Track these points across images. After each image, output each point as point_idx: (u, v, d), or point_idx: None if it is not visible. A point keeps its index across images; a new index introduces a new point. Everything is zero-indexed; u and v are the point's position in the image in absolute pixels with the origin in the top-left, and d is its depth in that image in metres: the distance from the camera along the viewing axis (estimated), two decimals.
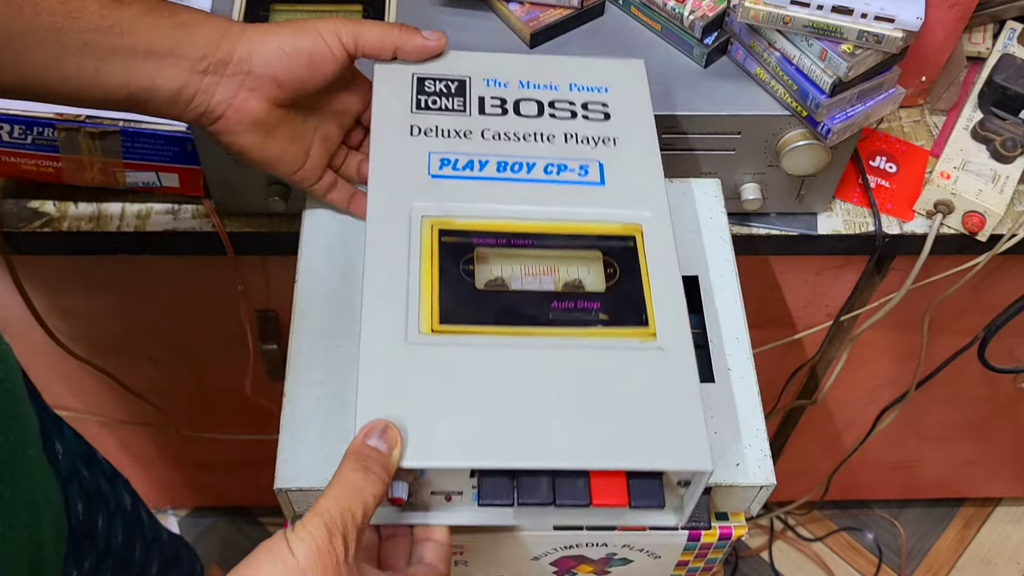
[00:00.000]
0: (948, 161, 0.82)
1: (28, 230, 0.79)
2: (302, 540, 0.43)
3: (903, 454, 1.31)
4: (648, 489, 0.50)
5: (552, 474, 0.50)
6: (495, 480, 0.50)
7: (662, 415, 0.51)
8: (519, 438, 0.49)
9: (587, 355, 0.52)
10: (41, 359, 1.00)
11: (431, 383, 0.50)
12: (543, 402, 0.50)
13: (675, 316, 0.54)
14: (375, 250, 0.55)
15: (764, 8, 0.68)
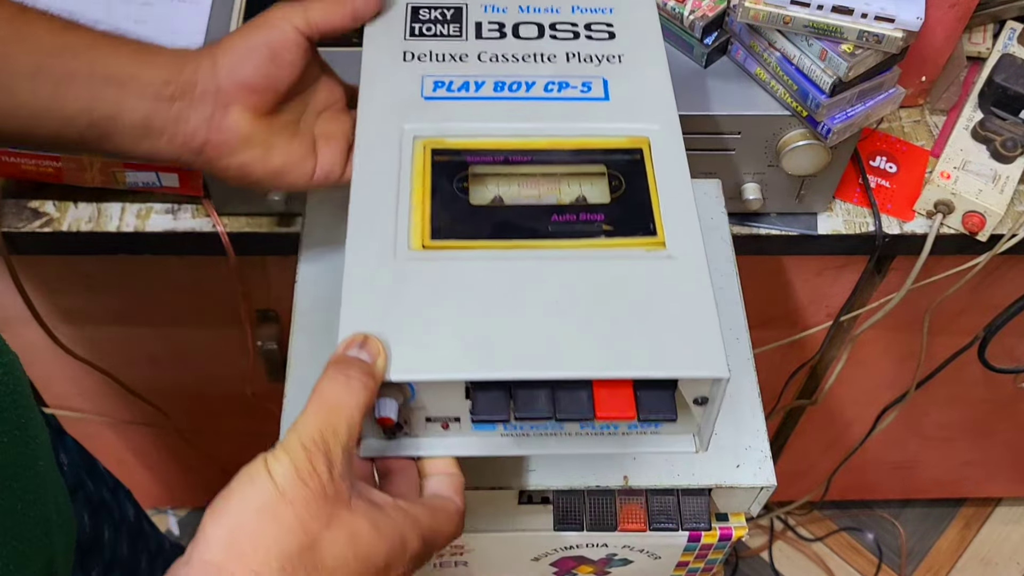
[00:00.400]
0: (948, 161, 0.82)
1: (28, 230, 0.79)
2: (279, 461, 0.40)
3: (903, 454, 1.31)
4: (658, 400, 0.45)
5: (552, 387, 0.45)
6: (490, 394, 0.45)
7: (673, 322, 0.45)
8: (515, 348, 0.44)
9: (590, 265, 0.48)
10: (41, 359, 1.00)
11: (420, 297, 0.46)
12: (542, 312, 0.46)
13: (686, 225, 0.49)
14: (362, 170, 0.52)
15: (764, 8, 0.68)
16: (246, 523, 0.39)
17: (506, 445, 0.50)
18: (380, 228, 0.49)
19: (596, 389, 0.44)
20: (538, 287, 0.47)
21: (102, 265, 0.87)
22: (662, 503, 0.59)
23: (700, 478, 0.58)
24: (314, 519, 0.39)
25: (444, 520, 0.46)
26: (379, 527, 0.41)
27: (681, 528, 0.59)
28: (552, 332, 0.45)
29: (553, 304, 0.46)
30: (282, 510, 0.39)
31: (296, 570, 0.38)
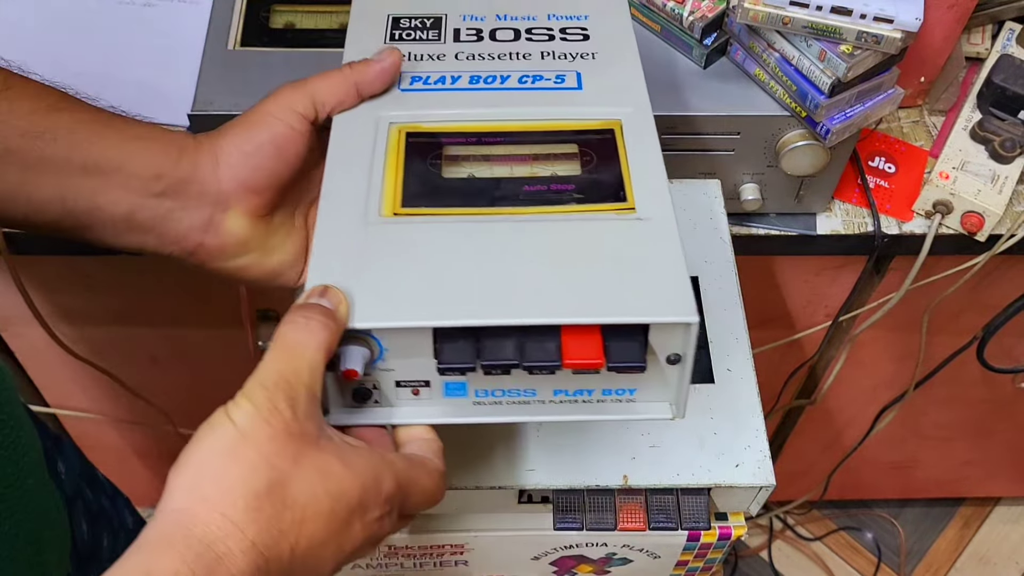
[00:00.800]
0: (947, 161, 0.82)
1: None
2: (239, 407, 0.39)
3: (902, 454, 1.32)
4: (627, 348, 0.44)
5: (519, 335, 0.44)
6: (456, 343, 0.45)
7: (641, 273, 0.45)
8: (481, 296, 0.44)
9: (560, 225, 0.48)
10: (42, 359, 1.00)
11: (389, 255, 0.47)
12: (510, 265, 0.46)
13: (657, 192, 0.50)
14: (336, 151, 0.52)
15: (763, 9, 0.68)
16: (208, 467, 0.38)
17: (478, 412, 0.49)
18: (352, 197, 0.49)
19: (564, 337, 0.44)
20: (507, 245, 0.47)
21: (102, 265, 0.87)
22: (661, 502, 0.60)
23: (699, 477, 0.58)
24: (279, 456, 0.38)
25: (423, 473, 0.45)
26: (351, 464, 0.40)
27: (680, 527, 0.59)
28: (520, 282, 0.45)
29: (521, 258, 0.46)
30: (245, 450, 0.38)
31: (264, 507, 0.37)
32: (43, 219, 0.48)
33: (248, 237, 0.51)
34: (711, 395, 0.62)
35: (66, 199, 0.47)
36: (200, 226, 0.50)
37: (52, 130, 0.47)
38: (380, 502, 0.41)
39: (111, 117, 0.49)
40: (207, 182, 0.49)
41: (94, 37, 0.81)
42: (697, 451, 0.59)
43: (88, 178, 0.47)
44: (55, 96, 0.48)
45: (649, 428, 0.60)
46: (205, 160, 0.49)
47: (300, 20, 0.78)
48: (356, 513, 0.40)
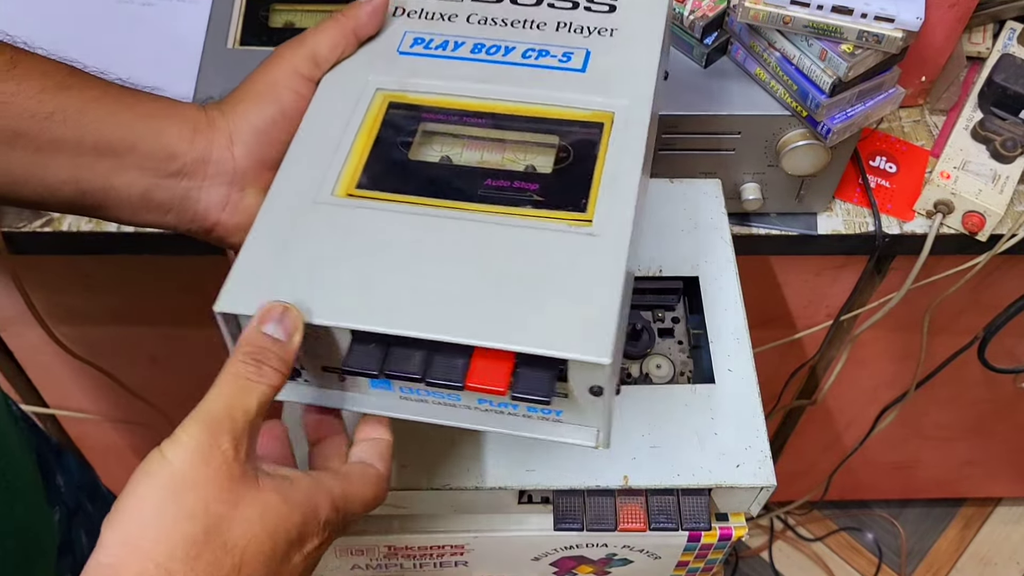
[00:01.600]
0: (948, 161, 0.82)
1: (28, 230, 0.79)
2: (178, 443, 0.37)
3: (903, 454, 1.31)
4: (536, 380, 0.42)
5: (432, 348, 0.43)
6: (367, 346, 0.44)
7: (570, 299, 0.43)
8: (398, 302, 0.43)
9: (505, 232, 0.46)
10: (41, 359, 1.00)
11: (323, 242, 0.45)
12: (442, 271, 0.44)
13: (620, 208, 0.47)
14: (314, 115, 0.51)
15: (764, 8, 0.68)
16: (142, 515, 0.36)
17: (404, 408, 0.48)
18: (309, 173, 0.48)
19: (475, 358, 0.43)
20: (443, 246, 0.45)
21: (102, 265, 0.87)
22: (662, 503, 0.59)
23: (700, 478, 0.58)
24: (218, 500, 0.37)
25: (360, 486, 0.44)
26: (289, 499, 0.39)
27: (681, 528, 0.59)
28: (444, 292, 0.43)
29: (455, 265, 0.44)
30: (182, 495, 0.36)
31: (203, 554, 0.36)
32: (58, 199, 0.47)
33: None
34: (712, 395, 0.61)
35: (80, 180, 0.47)
36: (218, 205, 0.49)
37: (62, 110, 0.46)
38: (318, 530, 0.41)
39: (121, 92, 0.48)
40: (223, 161, 0.49)
41: (93, 36, 0.81)
42: (698, 451, 0.59)
43: (101, 159, 0.47)
44: (63, 72, 0.47)
45: (650, 428, 0.60)
46: (219, 138, 0.49)
47: (300, 19, 0.78)
48: (295, 546, 0.40)
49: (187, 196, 0.49)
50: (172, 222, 0.49)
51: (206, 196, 0.49)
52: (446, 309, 0.43)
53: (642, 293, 0.68)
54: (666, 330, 0.68)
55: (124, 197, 0.48)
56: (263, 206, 0.47)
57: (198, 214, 0.49)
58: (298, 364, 0.46)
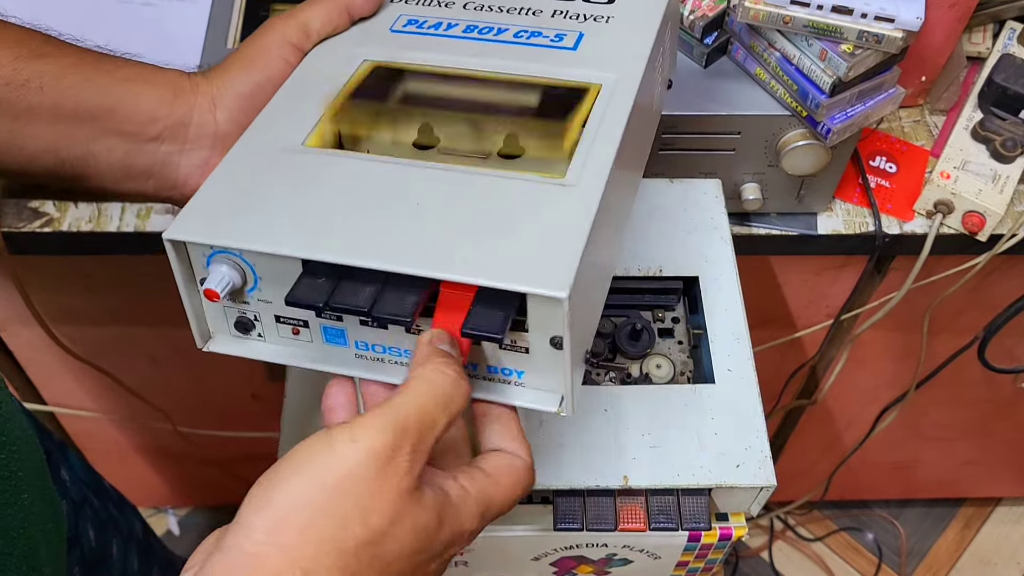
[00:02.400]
0: (948, 161, 0.82)
1: (28, 230, 0.79)
2: (355, 441, 0.34)
3: (903, 454, 1.31)
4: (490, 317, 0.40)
5: (384, 283, 0.41)
6: (315, 279, 0.42)
7: (532, 240, 0.41)
8: (351, 235, 0.41)
9: (473, 179, 0.45)
10: (41, 359, 1.00)
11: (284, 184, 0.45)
12: (397, 211, 0.43)
13: (597, 165, 0.45)
14: (297, 78, 0.51)
15: (764, 8, 0.68)
16: (298, 512, 0.33)
17: (358, 365, 0.46)
18: (282, 124, 0.48)
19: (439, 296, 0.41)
20: (408, 191, 0.44)
21: (102, 265, 0.87)
22: (662, 503, 0.59)
23: (700, 478, 0.58)
24: (379, 514, 0.34)
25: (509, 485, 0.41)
26: (443, 517, 0.37)
27: (681, 528, 0.59)
28: (398, 229, 0.42)
29: (414, 206, 0.43)
30: (343, 499, 0.34)
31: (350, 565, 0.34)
32: (38, 169, 0.46)
33: None
34: (712, 395, 0.61)
35: (59, 148, 0.46)
36: (198, 170, 0.48)
37: (37, 77, 0.45)
38: (463, 541, 0.39)
39: (99, 59, 0.47)
40: (204, 124, 0.48)
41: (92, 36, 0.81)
42: (698, 451, 0.59)
43: (80, 125, 0.46)
44: (38, 40, 0.46)
45: (650, 428, 0.60)
46: (202, 101, 0.48)
47: None
48: (436, 558, 0.38)
49: (167, 161, 0.47)
50: (152, 189, 0.48)
51: (187, 160, 0.48)
52: (401, 243, 0.41)
53: (642, 293, 0.68)
54: (666, 330, 0.68)
55: (104, 164, 0.46)
56: (230, 151, 0.46)
57: (178, 179, 0.48)
58: (253, 315, 0.46)
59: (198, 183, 0.47)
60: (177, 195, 0.49)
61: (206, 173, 0.47)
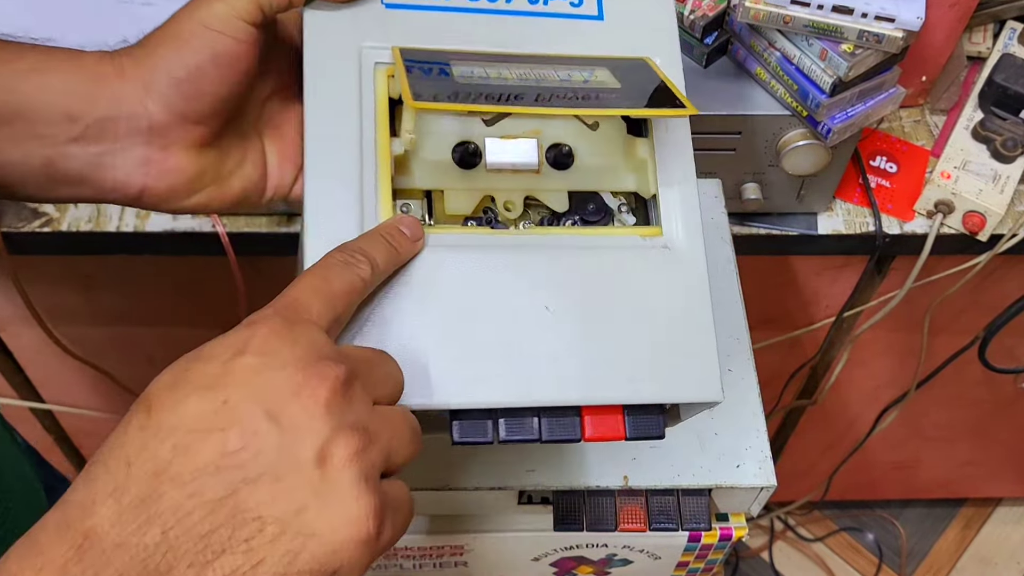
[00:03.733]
0: (948, 161, 0.82)
1: (27, 230, 0.79)
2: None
3: (903, 454, 1.31)
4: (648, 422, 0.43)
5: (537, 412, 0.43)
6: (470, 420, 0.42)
7: (668, 336, 0.43)
8: (499, 371, 0.41)
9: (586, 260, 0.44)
10: (40, 359, 1.00)
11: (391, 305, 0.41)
12: (529, 329, 0.42)
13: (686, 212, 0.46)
14: (316, 115, 0.43)
15: (764, 8, 0.68)
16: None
17: None
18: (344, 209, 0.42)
19: (586, 411, 0.43)
20: (522, 295, 0.43)
21: (102, 265, 0.87)
22: (662, 503, 0.59)
23: (700, 478, 0.58)
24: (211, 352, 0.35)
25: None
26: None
27: (681, 528, 0.59)
28: (538, 352, 0.42)
29: (537, 318, 0.42)
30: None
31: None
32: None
33: (198, 171, 0.43)
34: None
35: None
36: (138, 169, 0.41)
37: None
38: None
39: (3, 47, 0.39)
40: (136, 117, 0.40)
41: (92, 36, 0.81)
42: (698, 452, 0.59)
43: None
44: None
45: None
46: (129, 91, 0.40)
47: None
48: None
49: (99, 163, 0.40)
50: (90, 195, 0.42)
51: (122, 161, 0.41)
52: (551, 371, 0.42)
53: None
54: None
55: (26, 172, 0.40)
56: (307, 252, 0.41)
57: (117, 182, 0.41)
58: None
59: (142, 183, 0.42)
60: (121, 197, 0.42)
61: (150, 173, 0.41)
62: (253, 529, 0.30)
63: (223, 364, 0.33)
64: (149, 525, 0.30)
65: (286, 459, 0.31)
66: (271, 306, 0.36)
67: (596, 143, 0.47)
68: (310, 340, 0.34)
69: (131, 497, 0.30)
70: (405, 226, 0.41)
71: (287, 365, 0.33)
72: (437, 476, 0.58)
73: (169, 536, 0.30)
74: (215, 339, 0.35)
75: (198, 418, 0.32)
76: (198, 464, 0.31)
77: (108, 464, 0.31)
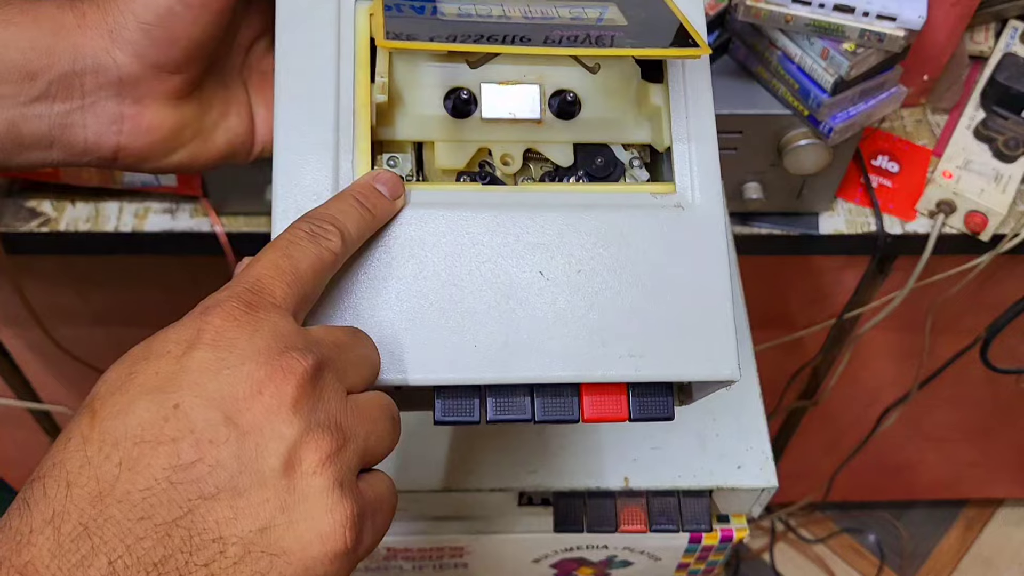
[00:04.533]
0: (950, 160, 0.81)
1: (25, 230, 0.79)
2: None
3: (905, 455, 1.31)
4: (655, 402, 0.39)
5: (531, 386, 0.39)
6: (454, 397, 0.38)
7: (678, 306, 0.38)
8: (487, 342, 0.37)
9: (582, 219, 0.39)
10: (39, 359, 1.00)
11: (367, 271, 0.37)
12: (526, 289, 0.38)
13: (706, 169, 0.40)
14: (288, 62, 0.39)
15: (766, 7, 0.67)
16: None
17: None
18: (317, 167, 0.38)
19: (585, 388, 0.38)
20: (520, 256, 0.38)
21: (100, 265, 0.87)
22: (663, 504, 0.59)
23: (701, 479, 0.58)
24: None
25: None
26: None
27: (682, 529, 0.58)
28: (534, 324, 0.37)
29: (536, 287, 0.38)
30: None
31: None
32: None
33: (177, 126, 0.40)
34: (713, 396, 0.61)
35: None
36: (110, 127, 0.38)
37: None
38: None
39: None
40: (103, 69, 0.37)
41: None
42: (699, 453, 0.59)
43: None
44: None
45: (650, 430, 0.60)
46: (92, 41, 0.37)
47: None
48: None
49: (67, 123, 0.37)
50: (59, 158, 0.38)
51: (92, 119, 0.38)
52: (546, 344, 0.37)
53: None
54: None
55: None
56: (273, 234, 0.37)
57: (89, 143, 0.38)
58: None
59: (115, 142, 0.39)
60: (94, 159, 0.39)
61: (124, 130, 0.38)
62: (213, 552, 0.27)
63: (174, 361, 0.30)
64: (94, 556, 0.26)
65: (248, 470, 0.28)
66: (228, 287, 0.32)
67: (605, 90, 0.42)
68: (272, 328, 0.31)
69: (72, 525, 0.27)
70: (381, 183, 0.37)
71: (246, 360, 0.30)
72: (437, 477, 0.58)
73: (117, 567, 0.26)
74: (165, 329, 0.32)
75: (146, 427, 0.28)
76: (147, 481, 0.27)
77: (47, 485, 0.28)
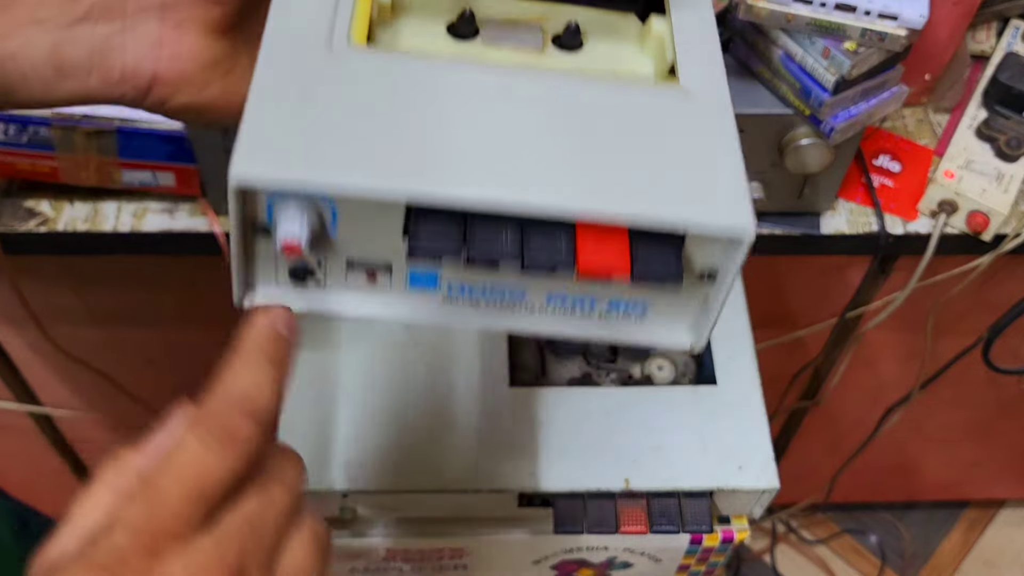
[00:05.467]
0: (952, 160, 0.81)
1: (24, 230, 0.78)
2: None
3: (907, 456, 1.31)
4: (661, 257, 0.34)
5: (520, 226, 0.33)
6: (436, 224, 0.33)
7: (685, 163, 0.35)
8: (476, 164, 0.33)
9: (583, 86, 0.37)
10: (37, 360, 1.00)
11: (357, 98, 0.35)
12: (515, 128, 0.35)
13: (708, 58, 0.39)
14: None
15: (767, 6, 0.67)
16: None
17: (447, 313, 0.37)
18: (311, 11, 0.37)
19: (580, 235, 0.33)
20: (512, 102, 0.36)
21: (98, 265, 0.87)
22: (663, 505, 0.59)
23: (702, 480, 0.58)
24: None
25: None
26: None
27: (682, 530, 0.58)
28: (527, 153, 0.34)
29: (532, 121, 0.35)
30: None
31: None
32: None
33: (212, 58, 0.39)
34: (714, 397, 0.61)
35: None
36: (149, 51, 0.37)
37: None
38: None
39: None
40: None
41: None
42: (700, 454, 0.58)
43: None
44: None
45: (651, 430, 0.59)
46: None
47: None
48: None
49: (107, 46, 0.37)
50: (97, 87, 0.38)
51: (133, 42, 0.37)
52: (536, 171, 0.33)
53: None
54: None
55: (29, 66, 0.36)
56: (259, 63, 0.35)
57: (127, 69, 0.37)
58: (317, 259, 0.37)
59: (153, 70, 0.38)
60: (129, 90, 0.38)
61: (162, 56, 0.38)
62: None
63: None
64: None
65: None
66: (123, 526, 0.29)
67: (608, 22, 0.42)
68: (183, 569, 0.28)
69: None
70: (281, 326, 0.35)
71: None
72: (436, 478, 0.58)
73: None
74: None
75: None
76: None
77: None
